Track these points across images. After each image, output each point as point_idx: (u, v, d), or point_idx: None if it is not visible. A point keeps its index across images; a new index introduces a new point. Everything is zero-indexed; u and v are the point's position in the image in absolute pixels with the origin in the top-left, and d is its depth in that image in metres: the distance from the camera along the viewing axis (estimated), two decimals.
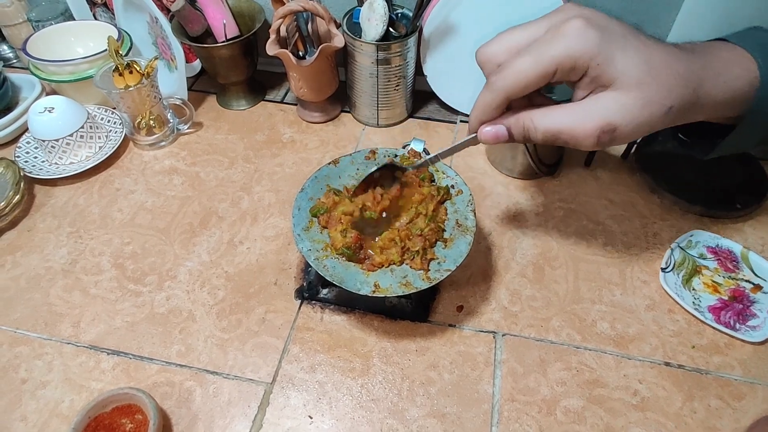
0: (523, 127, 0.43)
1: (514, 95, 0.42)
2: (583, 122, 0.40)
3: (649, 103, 0.39)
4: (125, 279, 0.63)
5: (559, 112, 0.42)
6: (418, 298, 0.59)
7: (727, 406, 0.51)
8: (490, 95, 0.43)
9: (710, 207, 0.66)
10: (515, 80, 0.41)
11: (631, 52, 0.39)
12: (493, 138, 0.44)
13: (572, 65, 0.39)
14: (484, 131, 0.45)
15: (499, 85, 0.42)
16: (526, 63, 0.40)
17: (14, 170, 0.70)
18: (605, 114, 0.39)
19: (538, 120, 0.42)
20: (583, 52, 0.38)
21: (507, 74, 0.41)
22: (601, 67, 0.39)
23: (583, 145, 0.41)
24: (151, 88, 0.74)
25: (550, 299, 0.60)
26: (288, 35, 0.76)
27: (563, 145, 0.42)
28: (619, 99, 0.39)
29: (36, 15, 0.86)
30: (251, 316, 0.59)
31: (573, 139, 0.41)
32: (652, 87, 0.39)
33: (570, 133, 0.41)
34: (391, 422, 0.51)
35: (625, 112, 0.39)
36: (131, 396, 0.49)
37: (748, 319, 0.57)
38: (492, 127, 0.44)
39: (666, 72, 0.39)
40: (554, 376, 0.53)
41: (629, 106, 0.39)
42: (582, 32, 0.39)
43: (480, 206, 0.69)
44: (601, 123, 0.39)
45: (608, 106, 0.39)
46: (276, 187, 0.73)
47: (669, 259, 0.61)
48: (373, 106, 0.79)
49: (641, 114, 0.39)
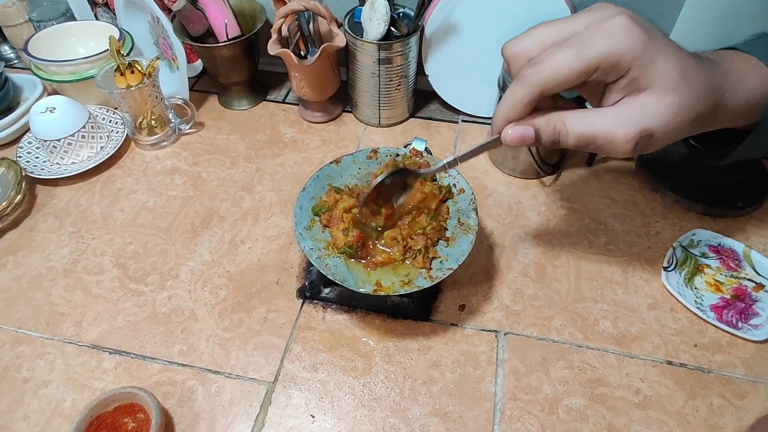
0: (554, 130, 0.40)
1: (549, 91, 0.39)
2: (621, 127, 0.38)
3: (683, 110, 0.38)
4: (127, 279, 0.63)
5: (594, 115, 0.39)
6: (420, 297, 0.59)
7: (729, 405, 0.51)
8: (522, 89, 0.39)
9: (712, 206, 0.66)
10: (552, 74, 0.38)
11: (671, 56, 0.37)
12: (519, 139, 0.41)
13: (615, 63, 0.37)
14: (509, 131, 0.41)
15: (534, 78, 0.39)
16: (566, 56, 0.37)
17: (16, 170, 0.70)
18: (644, 119, 0.37)
19: (572, 123, 0.39)
20: (629, 50, 0.36)
21: (544, 67, 0.38)
22: (645, 68, 0.37)
23: (619, 151, 0.38)
24: (153, 88, 0.74)
25: (552, 298, 0.60)
26: (289, 35, 0.76)
27: (595, 151, 0.40)
28: (657, 104, 0.37)
29: (37, 15, 0.86)
30: (253, 316, 0.59)
31: (609, 144, 0.38)
32: (687, 93, 0.38)
33: (606, 138, 0.38)
34: (393, 421, 0.51)
35: (662, 118, 0.38)
36: (133, 395, 0.49)
37: (750, 318, 0.56)
38: (519, 127, 0.41)
39: (697, 79, 0.38)
40: (556, 375, 0.53)
41: (665, 111, 0.38)
42: (629, 30, 0.36)
43: (482, 205, 0.69)
44: (640, 128, 0.37)
45: (647, 110, 0.38)
46: (277, 187, 0.73)
47: (671, 258, 0.61)
48: (375, 105, 0.79)
49: (675, 120, 0.38)
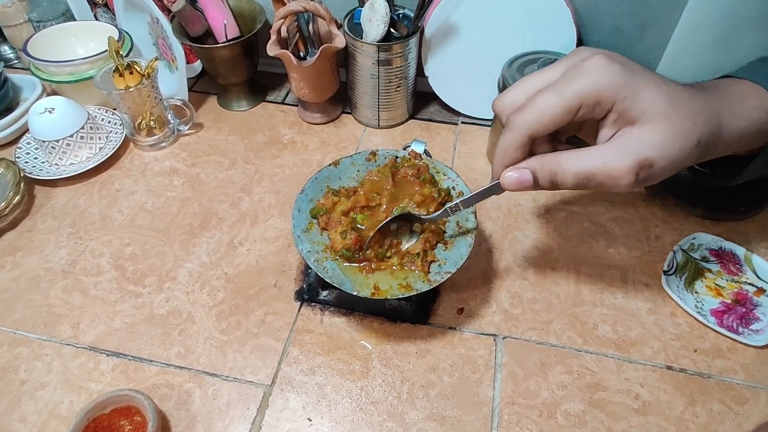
0: (550, 172, 0.40)
1: (537, 133, 0.40)
2: (618, 161, 0.38)
3: (679, 136, 0.38)
4: (125, 280, 0.62)
5: (590, 153, 0.39)
6: (418, 300, 0.59)
7: (729, 411, 0.51)
8: (511, 134, 0.41)
9: (713, 209, 0.65)
10: (537, 116, 0.39)
11: (653, 86, 0.38)
12: (517, 183, 0.41)
13: (597, 99, 0.38)
14: (506, 176, 0.42)
15: (520, 122, 0.40)
16: (549, 98, 0.39)
17: (14, 171, 0.70)
18: (640, 149, 0.38)
19: (568, 163, 0.40)
20: (608, 85, 0.37)
21: (528, 111, 0.40)
22: (628, 100, 0.37)
23: (620, 185, 0.38)
24: (152, 89, 0.74)
25: (551, 302, 0.59)
26: (289, 36, 0.76)
27: (596, 188, 0.40)
28: (651, 133, 0.38)
29: (37, 15, 0.86)
30: (251, 318, 0.58)
31: (609, 179, 0.38)
32: (679, 119, 0.38)
33: (606, 173, 0.38)
34: (390, 425, 0.50)
35: (659, 146, 0.37)
36: (130, 398, 0.49)
37: (751, 323, 0.56)
38: (515, 172, 0.41)
39: (687, 105, 0.38)
40: (555, 379, 0.53)
41: (661, 139, 0.37)
42: (605, 67, 0.38)
43: (480, 208, 0.69)
44: (638, 158, 0.37)
45: (642, 140, 0.38)
46: (276, 189, 0.73)
47: (671, 262, 0.61)
48: (374, 107, 0.78)
49: (674, 147, 0.38)
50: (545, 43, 0.70)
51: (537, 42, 0.70)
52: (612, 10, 0.71)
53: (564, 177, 0.40)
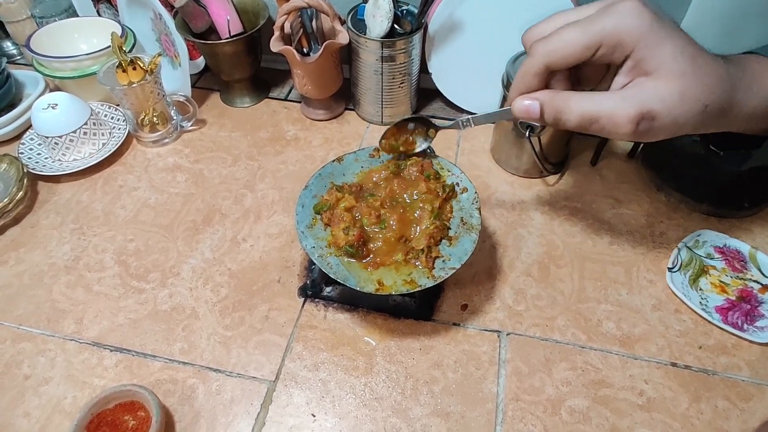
0: (557, 108, 0.41)
1: (554, 63, 0.40)
2: (622, 107, 0.38)
3: (688, 97, 0.38)
4: (128, 276, 0.62)
5: (599, 96, 0.40)
6: (422, 296, 0.59)
7: (734, 407, 0.51)
8: (530, 61, 0.41)
9: (717, 206, 0.65)
10: (557, 47, 0.40)
11: (678, 42, 0.38)
12: (524, 112, 0.43)
13: (619, 41, 0.38)
14: (516, 102, 0.43)
15: (540, 50, 0.40)
16: (572, 32, 0.39)
17: (18, 167, 0.70)
18: (647, 100, 0.38)
19: (576, 102, 0.40)
20: (633, 29, 0.37)
21: (550, 40, 0.40)
22: (648, 49, 0.37)
23: (620, 132, 0.39)
24: (155, 85, 0.74)
25: (555, 298, 0.59)
26: (292, 32, 0.76)
27: (597, 132, 0.40)
28: (661, 87, 0.38)
29: (40, 11, 0.86)
30: (254, 314, 0.58)
31: (611, 124, 0.39)
32: (693, 81, 0.38)
33: (608, 118, 0.39)
34: (394, 421, 0.50)
35: (665, 101, 0.38)
36: (134, 393, 0.49)
37: (756, 320, 0.56)
38: (525, 99, 0.42)
39: (707, 69, 0.38)
40: (559, 375, 0.53)
41: (669, 95, 0.38)
42: (636, 11, 0.37)
43: (485, 204, 0.69)
44: (641, 109, 0.38)
45: (650, 93, 0.38)
46: (279, 185, 0.72)
47: (676, 259, 0.61)
48: (378, 103, 0.78)
49: (680, 107, 0.38)
50: None
51: None
52: None
53: (569, 115, 0.40)
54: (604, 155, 0.74)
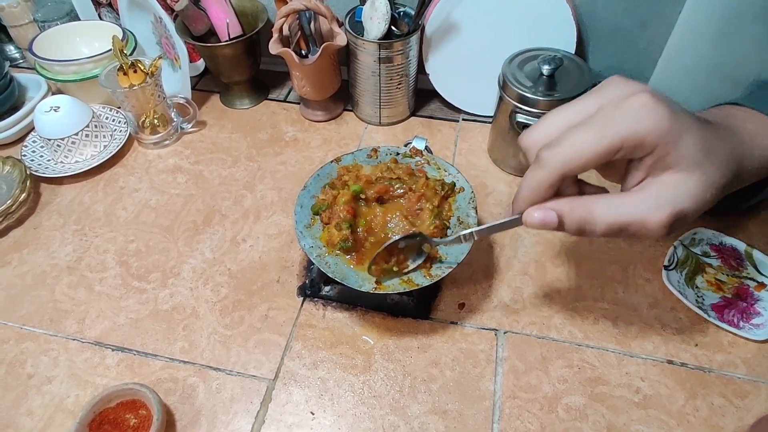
0: (580, 219, 0.38)
1: (571, 172, 0.38)
2: (653, 213, 0.36)
3: (710, 186, 0.37)
4: (129, 276, 0.63)
5: (623, 201, 0.38)
6: (419, 295, 0.59)
7: (730, 405, 0.51)
8: (543, 172, 0.38)
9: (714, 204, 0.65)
10: (574, 156, 0.36)
11: (693, 133, 0.36)
12: (541, 224, 0.39)
13: (640, 142, 0.36)
14: (531, 215, 0.40)
15: (554, 162, 0.37)
16: (588, 136, 0.36)
17: (21, 169, 0.71)
18: (675, 201, 0.36)
19: (600, 211, 0.38)
20: (654, 128, 0.35)
21: (563, 149, 0.37)
22: (670, 146, 0.36)
23: (652, 236, 0.37)
24: (155, 87, 0.75)
25: (552, 297, 0.59)
26: (291, 34, 0.77)
27: (626, 237, 0.38)
28: (685, 183, 0.36)
29: (42, 15, 0.86)
30: (254, 313, 0.59)
31: (643, 230, 0.37)
32: (710, 169, 0.37)
33: (640, 225, 0.37)
34: (392, 419, 0.51)
35: (693, 198, 0.37)
36: (135, 391, 0.49)
37: (752, 318, 0.56)
38: (541, 212, 0.39)
39: (717, 152, 0.38)
40: (556, 373, 0.53)
41: (695, 189, 0.37)
42: (653, 109, 0.35)
43: (482, 204, 0.69)
44: (674, 212, 0.36)
45: (677, 192, 0.37)
46: (279, 185, 0.73)
47: (672, 257, 0.61)
48: (376, 104, 0.79)
49: (704, 196, 0.37)
50: (546, 40, 0.70)
51: (537, 39, 0.70)
52: (612, 7, 0.71)
53: (594, 226, 0.38)
54: None
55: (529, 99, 0.64)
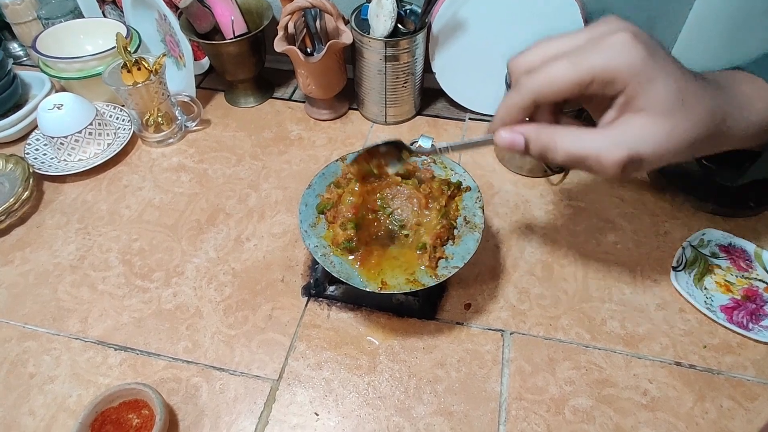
0: (543, 144, 0.40)
1: (543, 100, 0.39)
2: (610, 150, 0.37)
3: (676, 136, 0.37)
4: (133, 275, 0.63)
5: (585, 134, 0.39)
6: (425, 295, 0.59)
7: (739, 407, 0.50)
8: (517, 96, 0.40)
9: (722, 205, 0.65)
10: (546, 83, 0.38)
11: (671, 78, 0.36)
12: (509, 144, 0.41)
13: (612, 78, 0.36)
14: (501, 134, 0.42)
15: (528, 87, 0.39)
16: (562, 67, 0.38)
17: (24, 167, 0.71)
18: (634, 143, 0.37)
19: (562, 140, 0.39)
20: (627, 66, 0.36)
21: (538, 76, 0.39)
22: (642, 87, 0.36)
23: (606, 173, 0.38)
24: (159, 85, 0.74)
25: (559, 297, 0.59)
26: (296, 32, 0.76)
27: (584, 169, 0.39)
28: (649, 128, 0.37)
29: (46, 13, 0.86)
30: (258, 313, 0.59)
31: (597, 166, 0.38)
32: (681, 119, 0.37)
33: (595, 160, 0.38)
34: (397, 420, 0.50)
35: (653, 144, 0.37)
36: (138, 391, 0.49)
37: (761, 319, 0.56)
38: (510, 134, 0.41)
39: (696, 104, 0.37)
40: (563, 375, 0.53)
41: (656, 136, 0.37)
42: (629, 46, 0.36)
43: (488, 204, 0.69)
44: (629, 153, 0.37)
45: (638, 134, 0.37)
46: (283, 184, 0.73)
47: (680, 258, 0.60)
48: (381, 103, 0.78)
49: (667, 145, 0.37)
50: None
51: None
52: (620, 5, 0.70)
53: (555, 153, 0.40)
54: None
55: None
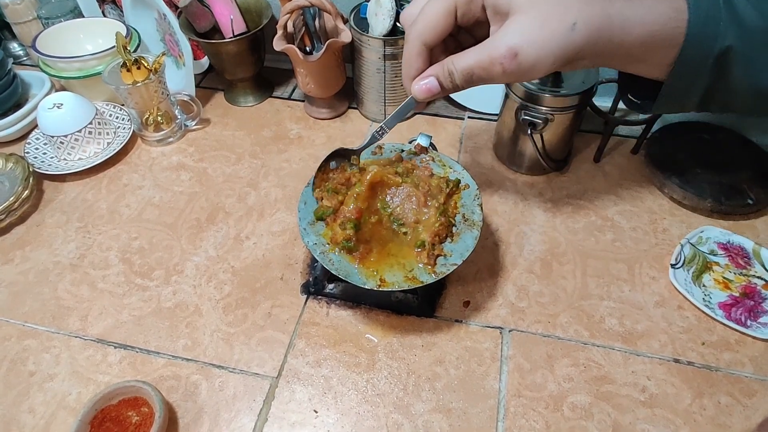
0: (447, 72, 0.42)
1: (429, 41, 0.42)
2: (489, 53, 0.39)
3: (548, 21, 0.37)
4: (132, 273, 0.63)
5: (475, 49, 0.40)
6: (424, 293, 0.59)
7: (737, 404, 0.50)
8: (409, 46, 0.43)
9: (721, 202, 0.65)
10: (425, 25, 0.41)
11: None
12: (426, 92, 0.43)
13: None
14: (415, 87, 0.44)
15: (413, 34, 0.42)
16: (432, 5, 0.41)
17: (24, 166, 0.71)
18: (506, 39, 0.38)
19: (458, 61, 0.41)
20: None
21: (418, 20, 0.42)
22: None
23: (494, 77, 0.40)
24: (159, 84, 0.74)
25: (558, 295, 0.59)
26: (295, 31, 0.76)
27: (480, 83, 0.41)
28: (517, 23, 0.38)
29: (46, 12, 0.86)
30: (257, 311, 0.59)
31: (484, 72, 0.40)
32: (548, 5, 0.38)
33: (480, 66, 0.40)
34: (396, 417, 0.50)
35: (526, 33, 0.38)
36: (138, 389, 0.49)
37: (759, 316, 0.56)
38: (422, 81, 0.43)
39: None
40: (561, 372, 0.53)
41: (528, 26, 0.38)
42: None
43: (487, 202, 0.69)
44: (504, 49, 0.38)
45: (508, 31, 0.38)
46: (282, 183, 0.73)
47: (679, 255, 0.61)
48: (381, 101, 0.78)
49: (542, 32, 0.38)
50: None
51: None
52: None
53: (456, 75, 0.41)
54: (607, 152, 0.74)
55: (535, 96, 0.63)
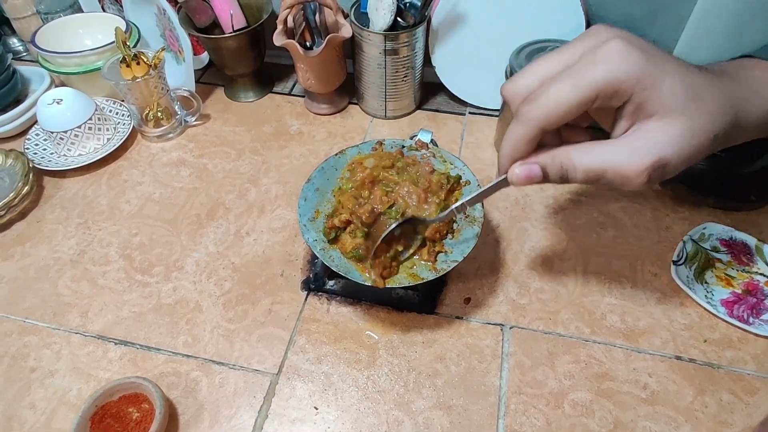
0: (561, 167, 0.38)
1: (550, 126, 0.37)
2: (632, 160, 0.36)
3: (696, 134, 0.35)
4: (133, 270, 0.63)
5: (602, 148, 0.37)
6: (425, 289, 0.58)
7: (739, 401, 0.50)
8: (521, 128, 0.38)
9: (724, 199, 0.64)
10: (550, 109, 0.36)
11: (676, 77, 0.35)
12: (526, 179, 0.39)
13: (615, 90, 0.35)
14: (515, 172, 0.40)
15: (532, 116, 0.37)
16: (564, 89, 0.36)
17: (23, 162, 0.71)
18: (655, 149, 0.35)
19: (579, 158, 0.37)
20: (627, 75, 0.34)
21: (540, 103, 0.37)
22: (648, 92, 0.35)
23: (631, 184, 0.36)
24: (159, 80, 0.74)
25: (559, 292, 0.59)
26: (295, 26, 0.76)
27: (606, 185, 0.38)
28: (668, 131, 0.35)
29: (45, 7, 0.86)
30: (258, 308, 0.59)
31: (620, 178, 0.36)
32: (698, 116, 0.36)
33: (617, 172, 0.36)
34: (396, 414, 0.50)
35: (675, 145, 0.35)
36: (138, 385, 0.49)
37: (762, 313, 0.55)
38: (524, 167, 0.39)
39: (709, 98, 0.36)
40: (562, 369, 0.53)
41: (678, 137, 0.35)
42: (625, 54, 0.35)
43: (488, 198, 0.68)
44: (652, 160, 0.35)
45: (657, 139, 0.35)
46: (283, 179, 0.72)
47: (681, 252, 0.60)
48: (381, 97, 0.78)
49: (690, 145, 0.36)
50: (554, 31, 0.69)
51: (545, 30, 0.69)
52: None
53: (575, 173, 0.38)
54: None
55: None
